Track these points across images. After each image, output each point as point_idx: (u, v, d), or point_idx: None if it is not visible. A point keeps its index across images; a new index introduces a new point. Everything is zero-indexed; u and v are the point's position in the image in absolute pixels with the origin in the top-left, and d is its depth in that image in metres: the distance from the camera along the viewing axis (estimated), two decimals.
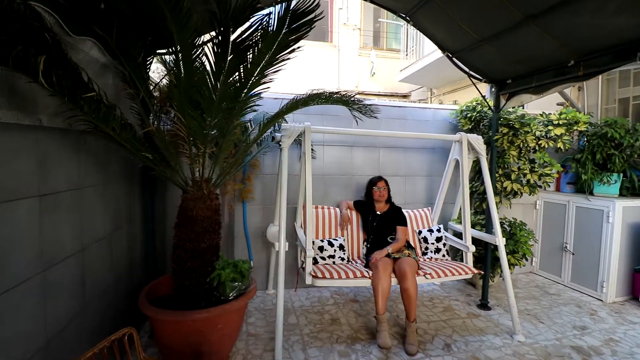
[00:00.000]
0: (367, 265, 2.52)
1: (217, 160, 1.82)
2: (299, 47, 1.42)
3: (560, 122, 2.93)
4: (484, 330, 2.56)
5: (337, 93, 1.93)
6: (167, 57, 2.05)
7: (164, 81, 2.15)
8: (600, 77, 3.69)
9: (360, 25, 7.90)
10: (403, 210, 2.84)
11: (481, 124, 3.20)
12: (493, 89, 3.03)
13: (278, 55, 1.40)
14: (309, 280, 2.25)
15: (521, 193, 3.13)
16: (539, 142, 3.02)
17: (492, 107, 2.86)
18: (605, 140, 3.05)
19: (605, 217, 3.09)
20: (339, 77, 7.56)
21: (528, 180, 3.10)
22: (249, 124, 2.52)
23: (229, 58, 1.31)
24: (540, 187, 3.27)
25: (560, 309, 2.95)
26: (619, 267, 3.08)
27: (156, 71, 2.18)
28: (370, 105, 2.24)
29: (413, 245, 2.82)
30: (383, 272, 2.26)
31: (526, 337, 2.46)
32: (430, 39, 2.63)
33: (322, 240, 2.67)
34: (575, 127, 2.98)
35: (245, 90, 1.50)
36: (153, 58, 2.04)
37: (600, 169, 3.21)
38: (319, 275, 2.23)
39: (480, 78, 2.82)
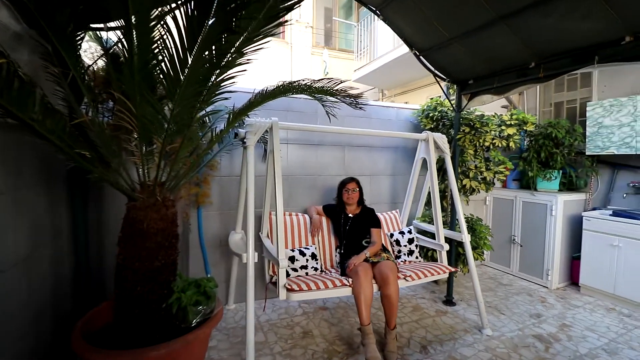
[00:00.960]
0: (343, 273, 2.36)
1: (177, 159, 1.50)
2: (287, 22, 1.20)
3: (512, 123, 3.11)
4: (454, 327, 2.57)
5: (320, 81, 1.73)
6: (104, 33, 1.65)
7: (100, 64, 1.74)
8: None
9: (312, 23, 7.78)
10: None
11: (440, 123, 3.26)
12: (450, 90, 3.10)
13: (264, 28, 1.16)
14: (283, 295, 2.01)
15: (479, 190, 3.25)
16: (493, 141, 3.16)
17: (454, 107, 2.90)
18: (549, 140, 3.32)
19: (549, 210, 3.36)
20: (292, 75, 7.34)
21: (484, 178, 3.23)
22: (205, 118, 2.19)
23: (209, 22, 1.03)
24: (493, 184, 3.44)
25: (515, 298, 3.12)
26: (561, 255, 3.37)
27: (88, 50, 1.76)
28: (357, 96, 2.07)
29: (388, 249, 2.74)
30: (364, 279, 2.12)
31: (493, 330, 2.53)
32: (398, 34, 2.57)
33: (292, 250, 2.45)
34: (524, 127, 3.18)
35: (218, 72, 1.22)
36: (84, 34, 1.63)
37: (543, 167, 3.49)
38: (295, 287, 2.01)
39: (444, 77, 2.85)
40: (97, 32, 1.64)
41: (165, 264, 1.52)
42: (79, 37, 1.56)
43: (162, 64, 1.10)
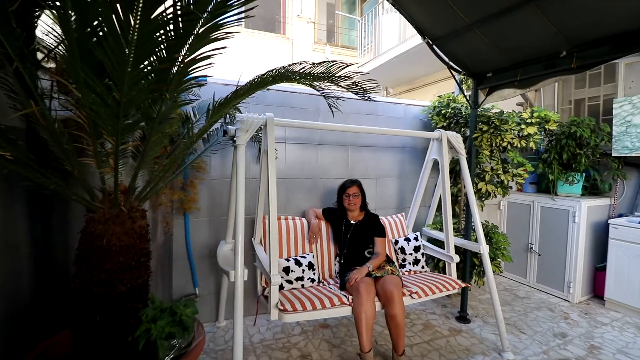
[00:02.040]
0: (342, 287, 2.09)
1: (144, 160, 1.23)
2: None
3: (533, 121, 2.82)
4: (471, 350, 2.29)
5: (320, 64, 1.43)
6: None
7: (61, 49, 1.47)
8: None
9: (314, 18, 7.50)
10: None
11: (453, 121, 2.98)
12: (464, 84, 2.82)
13: None
14: (275, 315, 1.74)
15: (495, 195, 2.97)
16: (512, 141, 2.87)
17: (470, 103, 2.62)
18: (572, 140, 3.03)
19: (572, 217, 3.06)
20: None
21: (501, 181, 2.94)
22: (190, 113, 1.93)
23: None
24: (511, 188, 3.15)
25: (535, 314, 2.84)
26: (584, 266, 3.08)
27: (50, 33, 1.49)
28: (364, 83, 1.78)
29: (392, 259, 2.46)
30: (366, 297, 1.84)
31: (514, 353, 2.25)
32: (409, 21, 2.29)
33: (287, 259, 2.18)
34: (546, 126, 2.89)
35: (186, 50, 0.95)
36: (40, 12, 1.36)
37: (564, 169, 3.20)
38: (288, 307, 1.74)
39: (459, 70, 2.56)
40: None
41: (131, 289, 1.25)
42: (34, 16, 1.30)
43: (102, 31, 0.82)
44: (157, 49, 0.89)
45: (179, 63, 0.96)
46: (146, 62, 0.90)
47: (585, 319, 2.77)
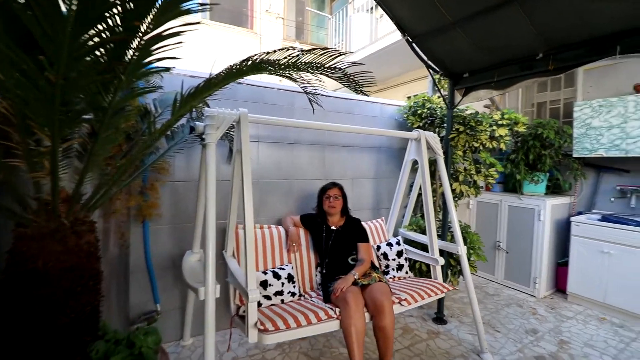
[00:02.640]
0: (326, 299, 1.95)
1: (92, 161, 1.00)
2: None
3: (504, 123, 2.87)
4: (451, 353, 2.26)
5: (309, 52, 1.26)
6: None
7: None
8: None
9: (283, 14, 7.28)
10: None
11: (427, 121, 2.96)
12: (439, 85, 2.80)
13: None
14: (254, 336, 1.55)
15: (468, 195, 2.99)
16: (484, 143, 2.91)
17: (447, 103, 2.60)
18: (538, 141, 3.14)
19: (537, 215, 3.18)
20: None
21: (475, 182, 2.98)
22: (151, 106, 1.68)
23: None
24: (482, 188, 3.21)
25: (506, 311, 2.90)
26: (548, 262, 3.22)
27: None
28: (358, 75, 1.64)
29: (376, 265, 2.37)
30: (355, 308, 1.72)
31: (492, 353, 2.25)
32: (389, 16, 2.20)
33: (265, 272, 1.99)
34: (515, 128, 2.97)
35: (149, 22, 0.74)
36: None
37: (530, 169, 3.32)
38: (269, 326, 1.57)
39: (437, 69, 2.53)
40: None
41: (77, 319, 1.02)
42: None
43: None
44: (108, 13, 0.68)
45: (139, 36, 0.75)
46: (93, 32, 0.69)
47: (552, 313, 2.88)
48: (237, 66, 1.17)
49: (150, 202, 1.95)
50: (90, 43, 0.71)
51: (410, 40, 2.32)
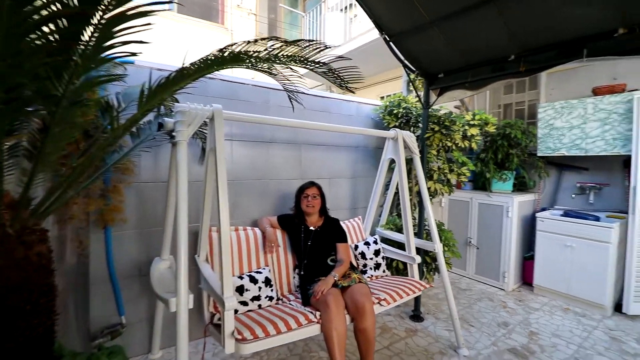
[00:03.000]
0: (305, 302, 1.89)
1: (43, 160, 0.86)
2: None
3: (476, 123, 2.96)
4: (429, 350, 2.28)
5: (294, 42, 1.18)
6: None
7: None
8: None
9: (255, 10, 7.10)
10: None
11: (403, 121, 2.98)
12: (412, 85, 2.83)
13: None
14: (230, 347, 1.46)
15: (442, 193, 3.05)
16: (457, 142, 2.98)
17: (422, 103, 2.63)
18: (506, 140, 3.27)
19: (505, 212, 3.31)
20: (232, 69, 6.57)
21: (448, 180, 3.04)
22: (114, 100, 1.52)
23: None
24: (455, 186, 3.29)
25: (478, 306, 2.99)
26: (515, 257, 3.36)
27: None
28: (342, 69, 1.56)
29: (355, 266, 2.34)
30: (336, 311, 1.67)
31: (468, 348, 2.30)
32: (368, 13, 2.18)
33: (241, 277, 1.89)
34: (485, 128, 3.06)
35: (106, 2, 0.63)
36: None
37: (498, 168, 3.45)
38: (247, 335, 1.48)
39: (414, 69, 2.55)
40: None
41: (26, 343, 0.88)
42: None
43: None
44: None
45: (99, 13, 0.64)
46: (40, 3, 0.57)
47: (521, 306, 3.00)
48: (214, 56, 1.07)
49: (113, 205, 1.78)
50: (37, 16, 0.59)
51: (388, 39, 2.31)
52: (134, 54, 0.72)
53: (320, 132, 2.77)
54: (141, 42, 0.73)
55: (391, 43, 2.33)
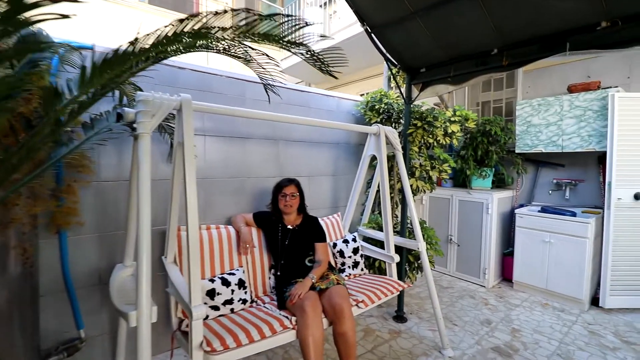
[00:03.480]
0: (281, 305, 1.77)
1: None
2: None
3: (457, 119, 2.93)
4: (413, 352, 2.22)
5: (270, 17, 1.03)
6: None
7: None
8: None
9: (232, 4, 6.87)
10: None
11: (384, 117, 2.91)
12: (393, 82, 2.77)
13: None
14: (198, 358, 1.32)
15: (424, 190, 3.01)
16: (437, 139, 2.94)
17: (404, 98, 2.56)
18: (486, 137, 3.27)
19: (485, 208, 3.32)
20: (207, 59, 6.32)
21: (430, 177, 3.00)
22: (64, 87, 1.33)
23: None
24: (435, 183, 3.26)
25: (460, 304, 2.97)
26: (495, 253, 3.37)
27: None
28: (325, 53, 1.44)
29: (333, 265, 2.23)
30: (313, 316, 1.56)
31: (453, 348, 2.25)
32: (349, 4, 2.08)
33: (212, 280, 1.74)
34: (466, 124, 3.04)
35: None
36: None
37: (478, 165, 3.45)
38: (217, 345, 1.34)
39: (395, 63, 2.48)
40: None
41: None
42: None
43: None
44: None
45: None
46: None
47: (501, 302, 3.01)
48: (170, 32, 0.92)
49: (67, 207, 1.59)
50: None
51: (370, 30, 2.22)
52: (65, 16, 0.57)
53: (299, 127, 2.66)
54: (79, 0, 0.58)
55: (373, 35, 2.25)
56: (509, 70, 2.01)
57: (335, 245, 2.43)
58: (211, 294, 1.70)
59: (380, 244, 2.59)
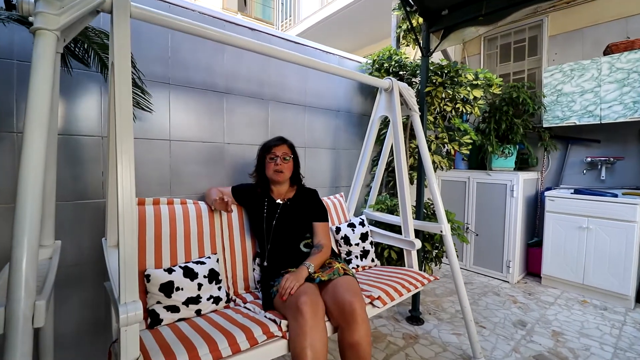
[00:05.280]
0: (267, 306, 1.27)
1: None
2: None
3: (479, 83, 2.46)
4: None
5: None
6: None
7: None
8: (481, 51, 3.62)
9: None
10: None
11: (396, 77, 2.43)
12: (401, 40, 2.30)
13: None
14: None
15: (441, 167, 2.54)
16: (457, 105, 2.47)
17: (422, 49, 2.09)
18: (511, 107, 2.81)
19: (509, 191, 2.86)
20: None
21: (448, 151, 2.53)
22: None
23: None
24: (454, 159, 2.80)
25: (484, 302, 2.50)
26: (520, 244, 2.91)
27: None
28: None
29: (337, 252, 1.75)
30: (313, 319, 1.08)
31: (485, 357, 1.78)
32: None
33: (170, 271, 1.24)
34: (490, 90, 2.58)
35: None
36: None
37: (499, 141, 2.99)
38: None
39: (412, 4, 2.00)
40: None
41: None
42: None
43: None
44: None
45: None
46: None
47: (532, 300, 2.54)
48: None
49: None
50: None
51: None
52: None
53: (292, 86, 2.17)
54: None
55: None
56: None
57: (338, 230, 1.94)
58: (167, 289, 1.20)
59: (390, 228, 2.12)
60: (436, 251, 2.31)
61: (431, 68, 2.28)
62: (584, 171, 2.92)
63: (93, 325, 1.53)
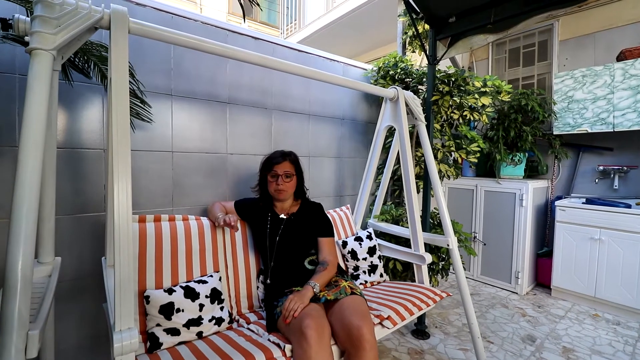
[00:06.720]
0: (271, 327, 1.24)
1: None
2: None
3: (488, 90, 2.41)
4: None
5: None
6: None
7: None
8: (490, 56, 3.56)
9: None
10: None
11: (400, 85, 2.39)
12: (407, 47, 2.26)
13: None
14: None
15: (448, 176, 2.49)
16: (464, 113, 2.42)
17: (428, 57, 2.04)
18: (519, 115, 2.75)
19: (518, 200, 2.79)
20: None
21: (455, 160, 2.48)
22: None
23: None
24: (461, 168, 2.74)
25: (492, 315, 2.44)
26: (529, 254, 2.84)
27: None
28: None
29: (344, 269, 1.71)
30: (318, 344, 1.04)
31: None
32: None
33: (170, 291, 1.21)
34: (499, 97, 2.52)
35: None
36: None
37: (508, 149, 2.93)
38: None
39: (418, 11, 1.96)
40: None
41: None
42: None
43: None
44: None
45: None
46: None
47: (542, 313, 2.47)
48: None
49: None
50: None
51: None
52: None
53: (296, 96, 2.14)
54: None
55: None
56: (575, 3, 1.49)
57: (345, 244, 1.90)
58: (167, 310, 1.17)
59: (395, 240, 2.08)
60: (443, 263, 2.26)
61: (438, 76, 2.23)
62: (596, 180, 2.84)
63: (95, 339, 1.51)
